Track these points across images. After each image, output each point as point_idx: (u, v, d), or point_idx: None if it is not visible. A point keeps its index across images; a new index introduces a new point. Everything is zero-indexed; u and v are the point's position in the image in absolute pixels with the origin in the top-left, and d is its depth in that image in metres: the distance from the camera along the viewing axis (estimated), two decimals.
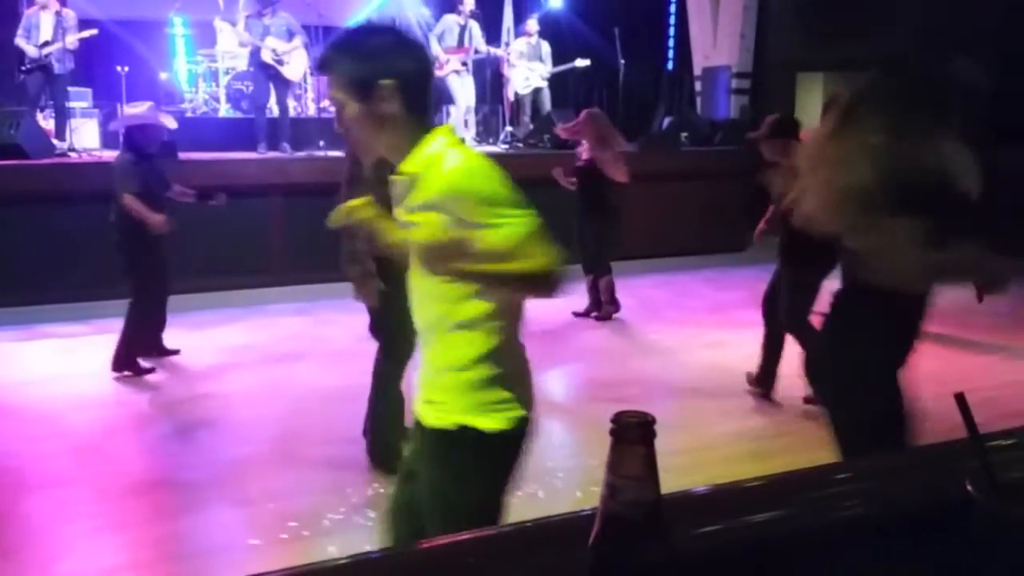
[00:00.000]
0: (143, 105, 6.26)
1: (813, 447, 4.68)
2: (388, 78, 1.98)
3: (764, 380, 5.41)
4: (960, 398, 0.89)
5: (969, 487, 0.83)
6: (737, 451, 4.63)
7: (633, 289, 7.89)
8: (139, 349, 5.92)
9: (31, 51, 8.87)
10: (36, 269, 7.44)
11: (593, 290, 7.34)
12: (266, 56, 9.10)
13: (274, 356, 6.36)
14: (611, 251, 7.24)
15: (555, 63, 10.97)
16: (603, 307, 7.34)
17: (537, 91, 10.99)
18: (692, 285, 8.82)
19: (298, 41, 9.31)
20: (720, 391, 5.53)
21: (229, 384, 5.83)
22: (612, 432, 0.76)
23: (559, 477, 4.37)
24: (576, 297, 7.20)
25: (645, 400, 5.36)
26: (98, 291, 7.60)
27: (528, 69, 10.85)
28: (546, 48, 10.93)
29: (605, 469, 0.76)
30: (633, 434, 0.76)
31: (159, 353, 6.15)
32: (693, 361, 6.29)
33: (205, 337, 6.73)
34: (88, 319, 7.13)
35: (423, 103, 2.08)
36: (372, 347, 4.29)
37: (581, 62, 10.79)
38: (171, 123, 6.57)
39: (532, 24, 10.93)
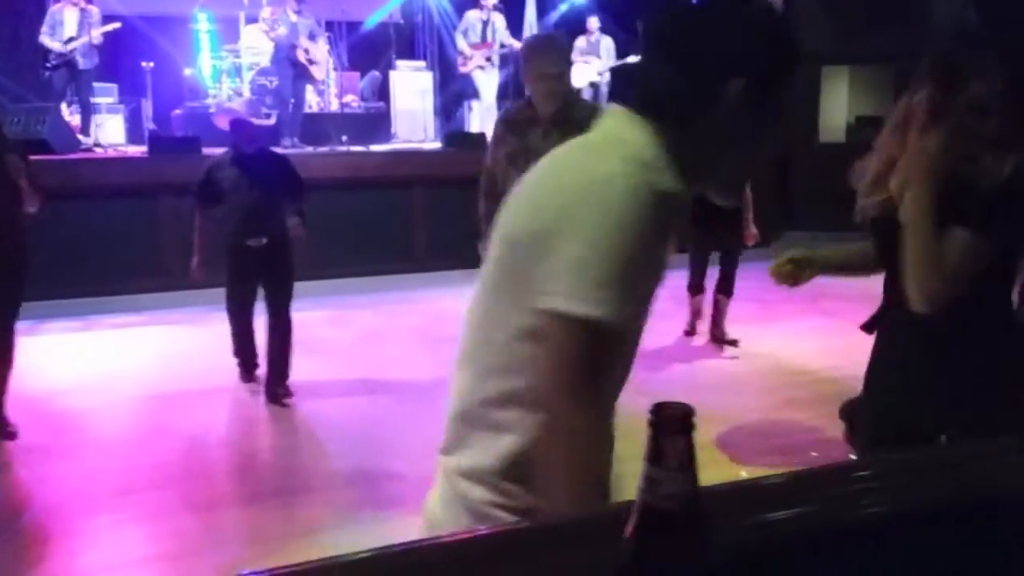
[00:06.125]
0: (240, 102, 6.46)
1: (843, 444, 4.66)
2: None
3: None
4: None
5: None
6: (764, 445, 4.59)
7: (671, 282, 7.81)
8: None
9: (56, 47, 8.93)
10: (86, 261, 7.52)
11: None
12: (300, 56, 9.24)
13: (352, 349, 6.38)
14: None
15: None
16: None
17: (592, 87, 10.95)
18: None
19: (322, 41, 9.56)
20: (746, 386, 5.49)
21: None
22: (650, 423, 0.74)
23: None
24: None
25: (666, 395, 5.31)
26: (140, 283, 7.68)
27: (583, 64, 10.80)
28: (607, 43, 10.90)
29: (643, 461, 0.74)
30: (673, 425, 0.74)
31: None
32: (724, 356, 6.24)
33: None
34: (138, 311, 7.30)
35: None
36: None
37: (633, 58, 10.76)
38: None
39: (593, 21, 10.95)
